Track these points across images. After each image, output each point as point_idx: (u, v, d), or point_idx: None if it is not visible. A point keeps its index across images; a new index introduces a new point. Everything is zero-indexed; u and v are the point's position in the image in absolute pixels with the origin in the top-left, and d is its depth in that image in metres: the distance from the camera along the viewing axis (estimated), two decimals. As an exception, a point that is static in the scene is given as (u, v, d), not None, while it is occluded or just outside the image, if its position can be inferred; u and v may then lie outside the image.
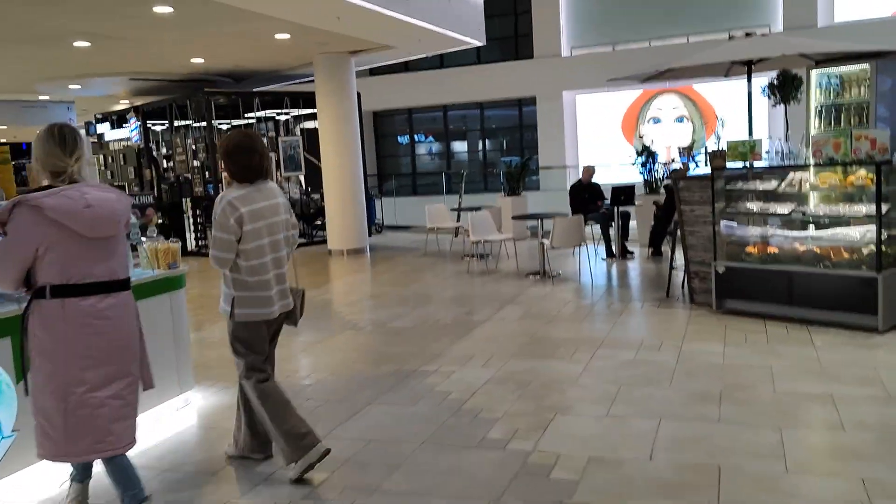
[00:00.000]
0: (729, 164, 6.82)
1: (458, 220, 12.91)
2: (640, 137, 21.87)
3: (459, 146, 25.16)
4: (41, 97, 15.09)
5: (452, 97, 23.35)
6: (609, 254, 10.34)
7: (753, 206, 6.74)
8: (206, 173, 13.05)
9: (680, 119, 21.41)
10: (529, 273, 9.53)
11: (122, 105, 16.07)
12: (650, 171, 11.15)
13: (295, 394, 4.93)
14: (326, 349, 6.52)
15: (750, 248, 6.75)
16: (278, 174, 13.68)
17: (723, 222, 6.87)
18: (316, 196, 13.69)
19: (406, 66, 24.18)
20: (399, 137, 25.39)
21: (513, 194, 12.92)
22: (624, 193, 10.12)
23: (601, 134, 21.86)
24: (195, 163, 13.31)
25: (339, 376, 5.67)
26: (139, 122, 14.45)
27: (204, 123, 12.80)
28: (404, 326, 7.15)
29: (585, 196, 10.66)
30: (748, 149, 6.68)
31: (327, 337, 6.95)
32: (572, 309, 7.51)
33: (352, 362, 6.06)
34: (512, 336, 6.55)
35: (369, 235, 14.37)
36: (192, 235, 13.76)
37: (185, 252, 13.92)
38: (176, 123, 13.71)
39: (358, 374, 5.70)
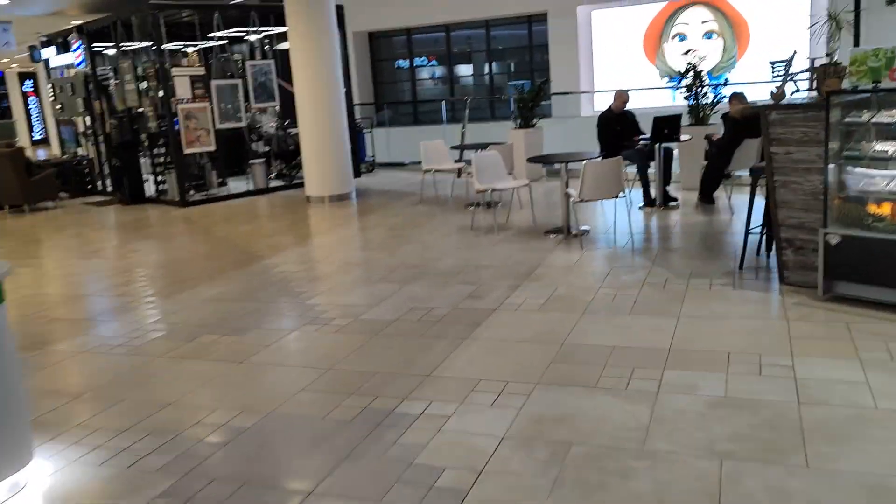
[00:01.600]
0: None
1: (461, 158, 10.71)
2: (664, 56, 19.40)
3: (464, 70, 22.65)
4: (-27, 17, 12.71)
5: (455, 15, 20.71)
6: (648, 202, 8.18)
7: (888, 147, 4.55)
8: (157, 106, 10.80)
9: (708, 35, 18.81)
10: (549, 231, 7.42)
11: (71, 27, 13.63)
12: (696, 95, 8.84)
13: (183, 459, 2.95)
14: (265, 364, 4.48)
15: (879, 209, 4.59)
16: (248, 105, 11.42)
17: (839, 169, 4.71)
18: (294, 130, 11.44)
19: (403, -20, 21.51)
20: (398, 62, 22.86)
21: (526, 126, 10.67)
22: (668, 125, 7.89)
23: (620, 54, 19.35)
24: (148, 93, 11.05)
25: (271, 423, 3.64)
26: (83, 45, 12.11)
27: (153, 46, 10.47)
28: (385, 319, 5.10)
29: (618, 129, 8.44)
30: (882, 62, 4.45)
31: (274, 339, 4.90)
32: (612, 290, 5.42)
33: (298, 391, 4.02)
34: (534, 341, 4.49)
35: (358, 175, 12.19)
36: (152, 179, 11.62)
37: (142, 199, 12.12)
38: (124, 47, 11.37)
39: (301, 420, 3.67)
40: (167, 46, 10.80)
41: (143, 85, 11.08)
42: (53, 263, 7.98)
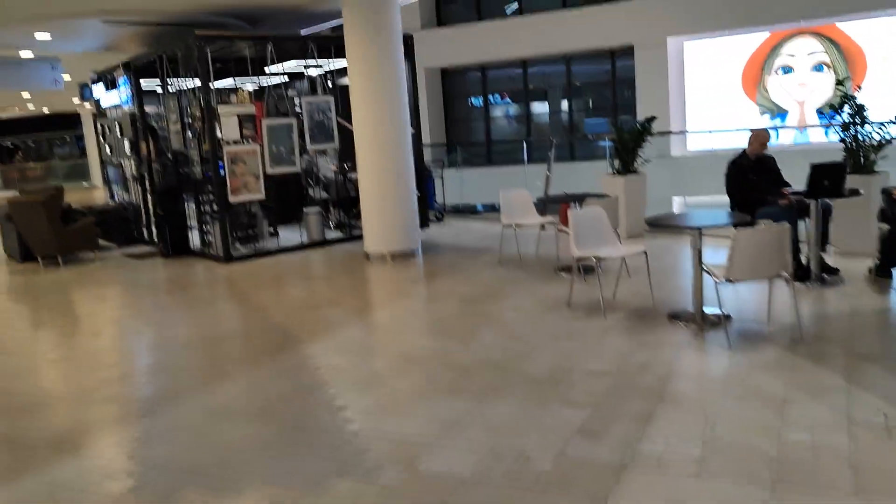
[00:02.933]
0: None
1: (545, 210, 8.90)
2: (765, 91, 17.27)
3: (539, 107, 21.02)
4: (22, 53, 11.74)
5: (533, 49, 19.11)
6: (801, 274, 6.13)
7: None
8: (201, 148, 9.41)
9: (818, 67, 16.64)
10: (676, 315, 5.50)
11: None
12: (856, 136, 6.80)
13: None
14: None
15: None
16: (303, 146, 9.93)
17: None
18: (356, 175, 9.86)
19: (479, 15, 20.11)
20: (471, 99, 21.35)
21: (627, 172, 8.80)
22: (829, 175, 5.89)
23: (715, 88, 17.33)
24: (189, 134, 9.69)
25: None
26: (129, 81, 10.91)
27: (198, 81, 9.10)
28: (456, 475, 3.32)
29: (753, 178, 6.49)
30: None
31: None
32: (803, 433, 3.49)
33: None
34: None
35: (425, 226, 10.51)
36: (196, 232, 10.21)
37: (185, 252, 10.39)
38: (170, 83, 10.07)
39: None
40: (216, 83, 9.43)
41: (189, 125, 9.72)
42: (48, 341, 6.51)
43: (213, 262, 9.66)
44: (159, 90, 10.43)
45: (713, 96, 17.20)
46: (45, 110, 25.71)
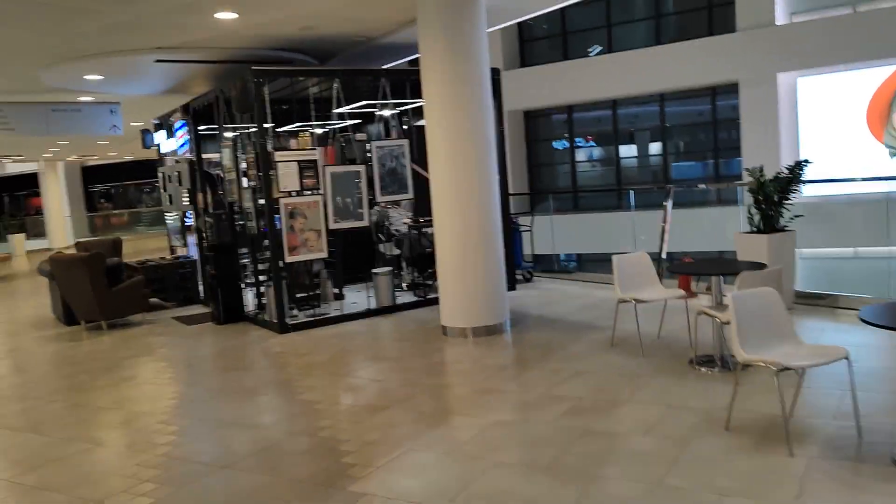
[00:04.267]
0: None
1: (663, 272, 7.11)
2: (894, 131, 14.98)
3: (625, 150, 19.23)
4: (81, 98, 10.81)
5: (626, 89, 17.41)
6: None
7: None
8: (256, 200, 8.06)
9: (957, 103, 14.34)
10: (908, 459, 3.60)
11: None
12: None
13: None
14: None
15: None
16: (372, 198, 8.46)
17: None
18: (432, 230, 8.30)
19: (565, 54, 18.57)
20: (556, 143, 19.73)
21: (770, 229, 6.90)
22: None
23: (833, 129, 15.15)
24: (244, 182, 8.37)
25: None
26: (186, 125, 9.77)
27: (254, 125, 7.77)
28: None
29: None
30: None
31: None
32: None
33: None
34: None
35: (512, 288, 8.84)
36: (252, 300, 8.82)
37: (239, 316, 8.74)
38: (228, 128, 8.82)
39: None
40: (276, 127, 8.09)
41: (245, 173, 8.42)
42: (33, 448, 5.07)
43: (267, 331, 8.22)
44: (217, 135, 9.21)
45: (832, 137, 15.02)
46: (130, 157, 25.49)
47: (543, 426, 4.57)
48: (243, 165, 8.43)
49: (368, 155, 8.55)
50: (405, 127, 8.98)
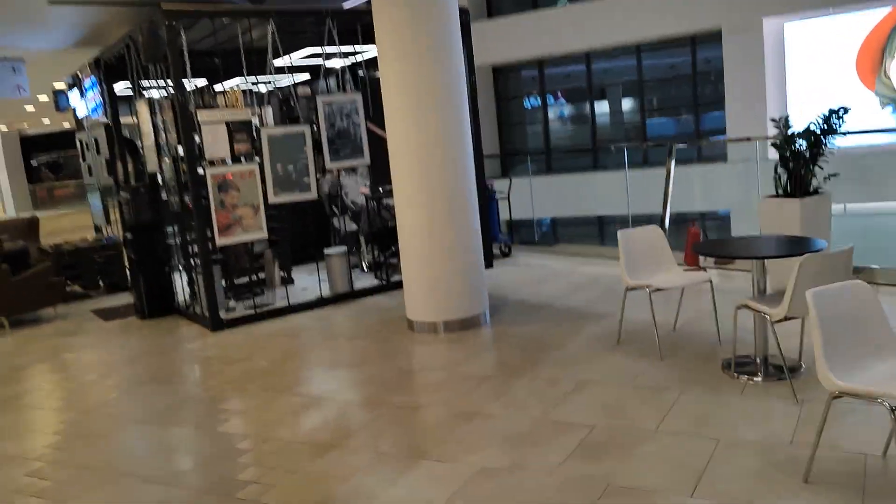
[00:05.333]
0: None
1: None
2: (887, 79, 13.86)
3: (597, 107, 17.95)
4: (-22, 54, 9.10)
5: (598, 40, 16.00)
6: None
7: None
8: (180, 170, 6.58)
9: (955, 48, 13.24)
10: None
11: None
12: None
13: None
14: None
15: None
16: (322, 164, 7.03)
17: None
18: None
19: (534, 3, 17.04)
20: (526, 100, 18.31)
21: (801, 192, 5.63)
22: None
23: (822, 77, 14.00)
24: (166, 150, 6.86)
25: None
26: (97, 83, 8.16)
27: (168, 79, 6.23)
28: None
29: None
30: None
31: None
32: None
33: None
34: None
35: (488, 265, 7.53)
36: (182, 289, 7.36)
37: (168, 309, 7.10)
38: (146, 84, 7.23)
39: None
40: (199, 81, 6.56)
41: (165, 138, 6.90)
42: None
43: (199, 327, 6.80)
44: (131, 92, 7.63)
45: (821, 87, 13.85)
46: (67, 125, 23.40)
47: (547, 477, 3.27)
48: (162, 130, 6.91)
49: (312, 114, 7.08)
50: (359, 79, 7.49)
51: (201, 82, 8.01)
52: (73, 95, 9.64)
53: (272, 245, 7.86)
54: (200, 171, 6.41)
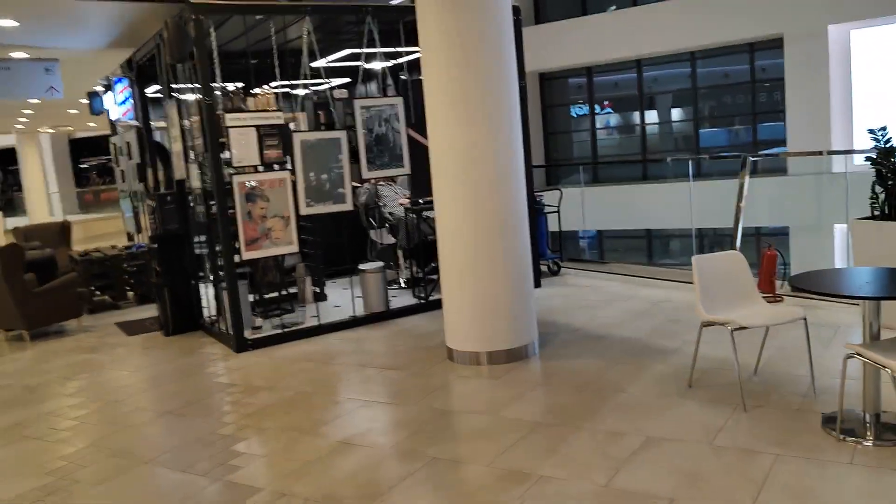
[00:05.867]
0: None
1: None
2: (965, 91, 12.80)
3: (650, 116, 17.19)
4: (12, 55, 8.77)
5: (650, 46, 15.20)
6: None
7: None
8: (205, 178, 6.08)
9: None
10: None
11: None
12: None
13: None
14: None
15: None
16: (357, 172, 6.46)
17: None
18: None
19: (583, 8, 16.33)
20: (573, 109, 17.58)
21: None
22: None
23: (891, 87, 13.00)
24: (191, 155, 6.37)
25: None
26: (129, 84, 7.75)
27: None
28: None
29: None
30: None
31: None
32: None
33: None
34: None
35: (536, 286, 6.86)
36: (208, 303, 6.84)
37: (192, 325, 6.47)
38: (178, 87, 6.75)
39: None
40: (230, 85, 6.05)
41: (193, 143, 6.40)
42: None
43: (223, 346, 6.28)
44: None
45: (890, 96, 12.85)
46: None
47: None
48: (190, 134, 6.41)
49: (349, 119, 6.51)
50: (400, 81, 6.91)
51: (232, 86, 7.55)
52: (108, 98, 9.26)
53: (304, 258, 7.32)
54: (228, 179, 5.88)
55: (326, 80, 7.03)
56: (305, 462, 3.80)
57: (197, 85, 5.80)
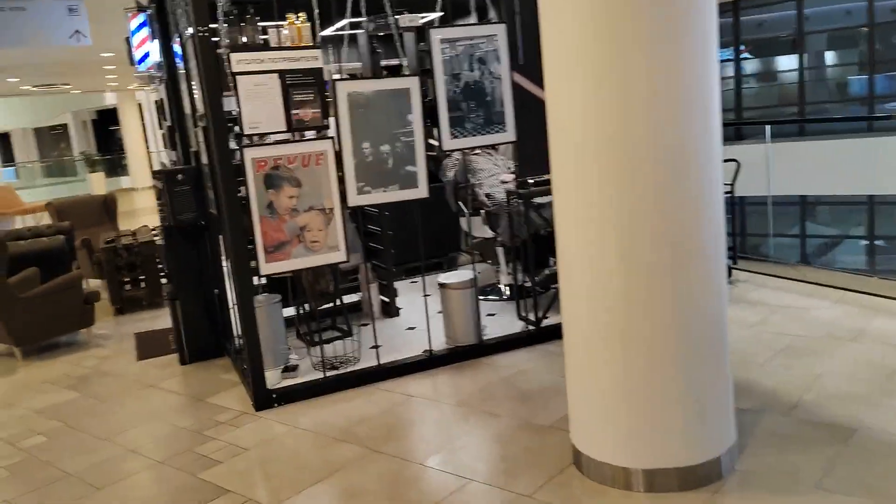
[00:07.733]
0: None
1: None
2: None
3: (783, 62, 14.36)
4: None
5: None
6: None
7: None
8: (209, 149, 4.07)
9: None
10: None
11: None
12: None
13: None
14: None
15: None
16: (434, 140, 4.24)
17: None
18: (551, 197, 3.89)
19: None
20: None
21: None
22: None
23: None
24: (200, 123, 4.35)
25: None
26: (147, 26, 5.84)
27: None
28: None
29: None
30: None
31: None
32: None
33: None
34: None
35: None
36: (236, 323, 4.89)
37: (216, 350, 3.96)
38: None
39: None
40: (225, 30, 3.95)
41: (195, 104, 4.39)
42: None
43: (243, 394, 4.32)
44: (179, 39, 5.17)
45: None
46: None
47: None
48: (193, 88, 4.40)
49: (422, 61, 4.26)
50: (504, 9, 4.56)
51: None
52: (154, 46, 7.44)
53: (369, 257, 5.24)
54: (236, 151, 3.84)
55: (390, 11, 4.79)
56: None
57: (186, 5, 3.73)
